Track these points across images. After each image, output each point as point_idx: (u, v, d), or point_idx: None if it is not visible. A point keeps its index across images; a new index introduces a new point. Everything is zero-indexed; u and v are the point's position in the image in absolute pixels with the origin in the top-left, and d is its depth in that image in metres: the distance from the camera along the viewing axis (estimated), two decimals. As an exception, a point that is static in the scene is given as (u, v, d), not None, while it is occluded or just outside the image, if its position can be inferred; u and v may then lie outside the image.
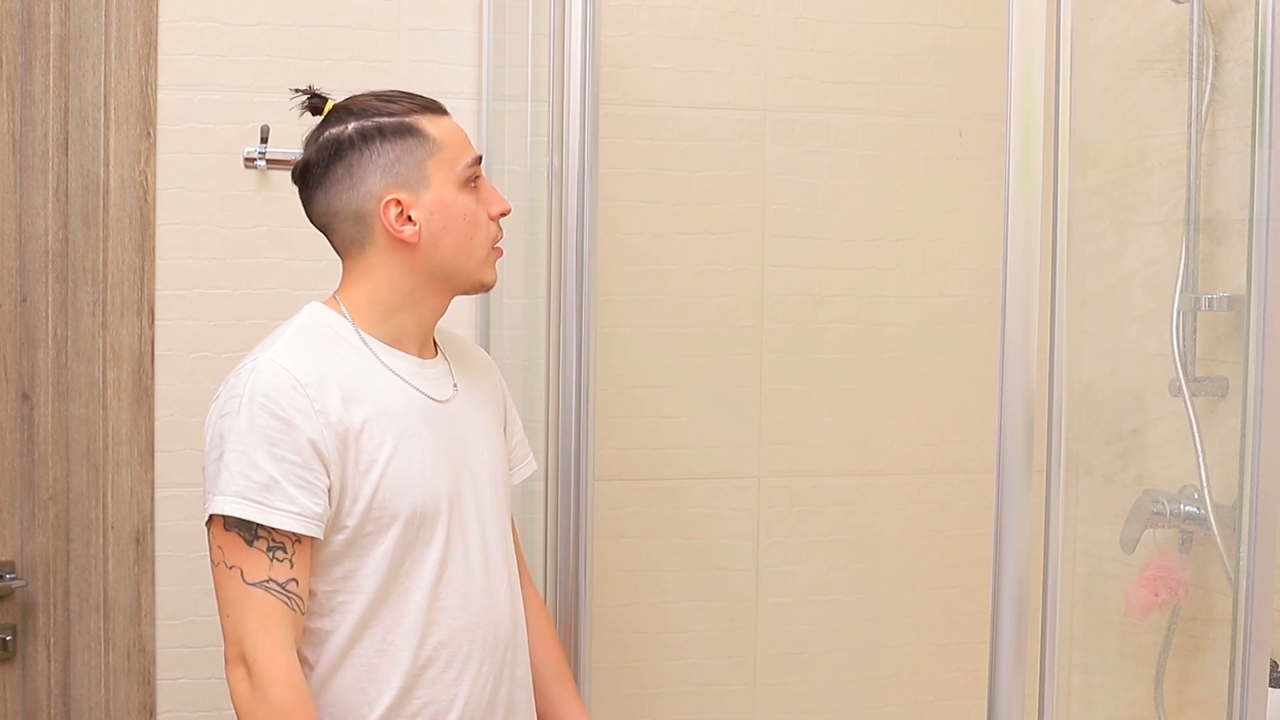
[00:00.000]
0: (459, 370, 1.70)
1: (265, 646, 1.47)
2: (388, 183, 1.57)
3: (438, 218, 1.58)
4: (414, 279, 1.60)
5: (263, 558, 1.48)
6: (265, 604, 1.48)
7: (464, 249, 1.60)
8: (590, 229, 1.78)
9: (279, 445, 1.49)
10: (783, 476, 2.38)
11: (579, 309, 1.78)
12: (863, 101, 2.37)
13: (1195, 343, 2.19)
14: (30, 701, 2.07)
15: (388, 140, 1.57)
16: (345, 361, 1.57)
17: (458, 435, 1.63)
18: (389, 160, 1.57)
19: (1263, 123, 1.52)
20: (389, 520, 1.54)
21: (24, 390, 2.05)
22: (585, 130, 1.76)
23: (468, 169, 1.59)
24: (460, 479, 1.62)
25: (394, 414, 1.57)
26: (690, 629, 2.36)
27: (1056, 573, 1.61)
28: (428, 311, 1.63)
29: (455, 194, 1.59)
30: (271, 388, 1.50)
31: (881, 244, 2.39)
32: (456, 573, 1.60)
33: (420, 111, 1.60)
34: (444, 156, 1.58)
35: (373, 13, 2.16)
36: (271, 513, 1.48)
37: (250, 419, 1.49)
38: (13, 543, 2.05)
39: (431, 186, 1.58)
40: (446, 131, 1.60)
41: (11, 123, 2.03)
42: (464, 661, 1.59)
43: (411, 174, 1.58)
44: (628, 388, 2.29)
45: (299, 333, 1.58)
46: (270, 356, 1.54)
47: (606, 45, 2.12)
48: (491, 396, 1.75)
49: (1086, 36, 2.42)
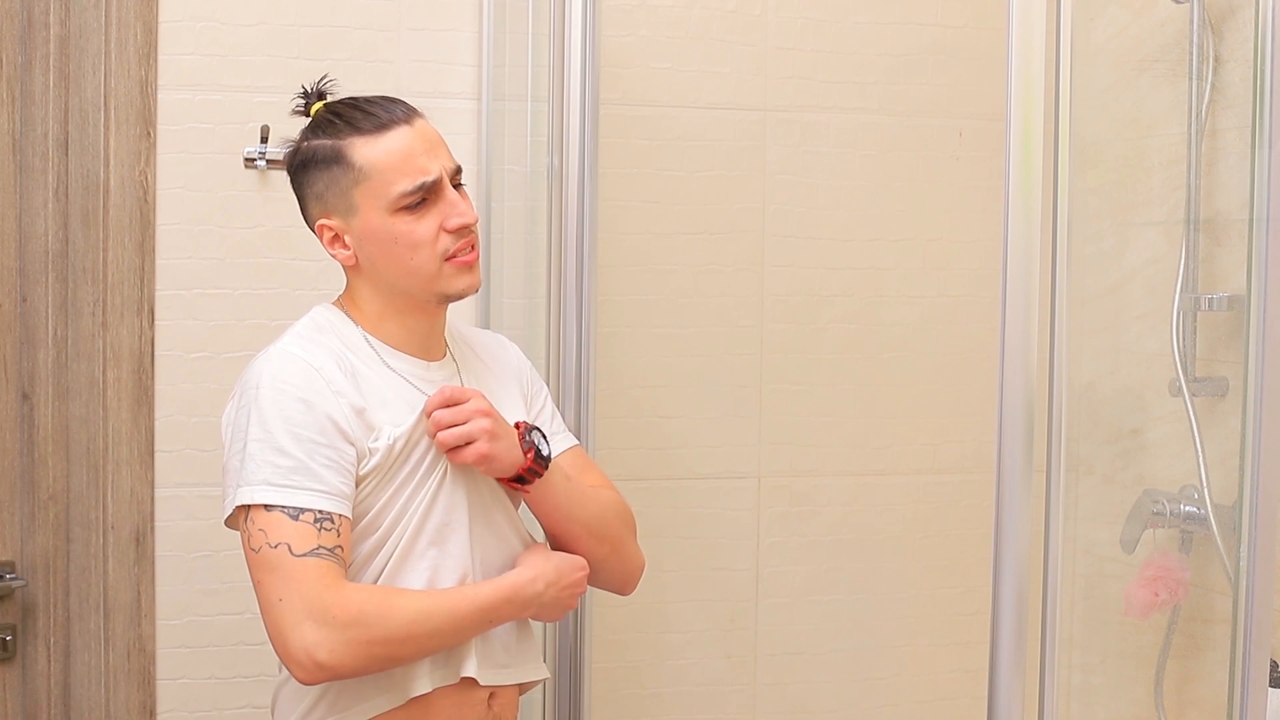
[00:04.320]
0: (468, 371, 1.70)
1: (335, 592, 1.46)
2: (320, 209, 1.60)
3: (368, 244, 1.58)
4: (382, 295, 1.62)
5: (310, 529, 1.48)
6: (320, 566, 1.47)
7: (405, 269, 1.58)
8: (590, 229, 1.78)
9: (302, 426, 1.50)
10: (783, 476, 2.38)
11: (579, 309, 1.79)
12: (863, 101, 2.37)
13: (1195, 343, 2.19)
14: (30, 701, 2.07)
15: (318, 168, 1.59)
16: (351, 358, 1.59)
17: None
18: (320, 189, 1.60)
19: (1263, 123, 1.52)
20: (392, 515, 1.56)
21: (24, 390, 2.05)
22: (585, 130, 1.76)
23: (400, 196, 1.55)
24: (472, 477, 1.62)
25: (400, 414, 1.58)
26: (690, 629, 2.36)
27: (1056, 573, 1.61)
28: (414, 322, 1.63)
29: (385, 220, 1.56)
30: (286, 373, 1.53)
31: (881, 244, 2.39)
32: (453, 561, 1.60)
33: (356, 134, 1.57)
34: (371, 185, 1.56)
35: (373, 13, 2.16)
36: (302, 494, 1.48)
37: (269, 405, 1.50)
38: (13, 543, 2.05)
39: (359, 214, 1.57)
40: (383, 156, 1.56)
41: (11, 123, 2.03)
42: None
43: (339, 202, 1.58)
44: (628, 388, 2.29)
45: (307, 328, 1.62)
46: (281, 347, 1.57)
47: (606, 45, 2.12)
48: (510, 390, 1.73)
49: (1086, 36, 2.42)
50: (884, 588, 2.43)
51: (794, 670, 2.40)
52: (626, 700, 2.32)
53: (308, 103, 1.64)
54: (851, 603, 2.42)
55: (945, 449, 2.44)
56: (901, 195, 2.39)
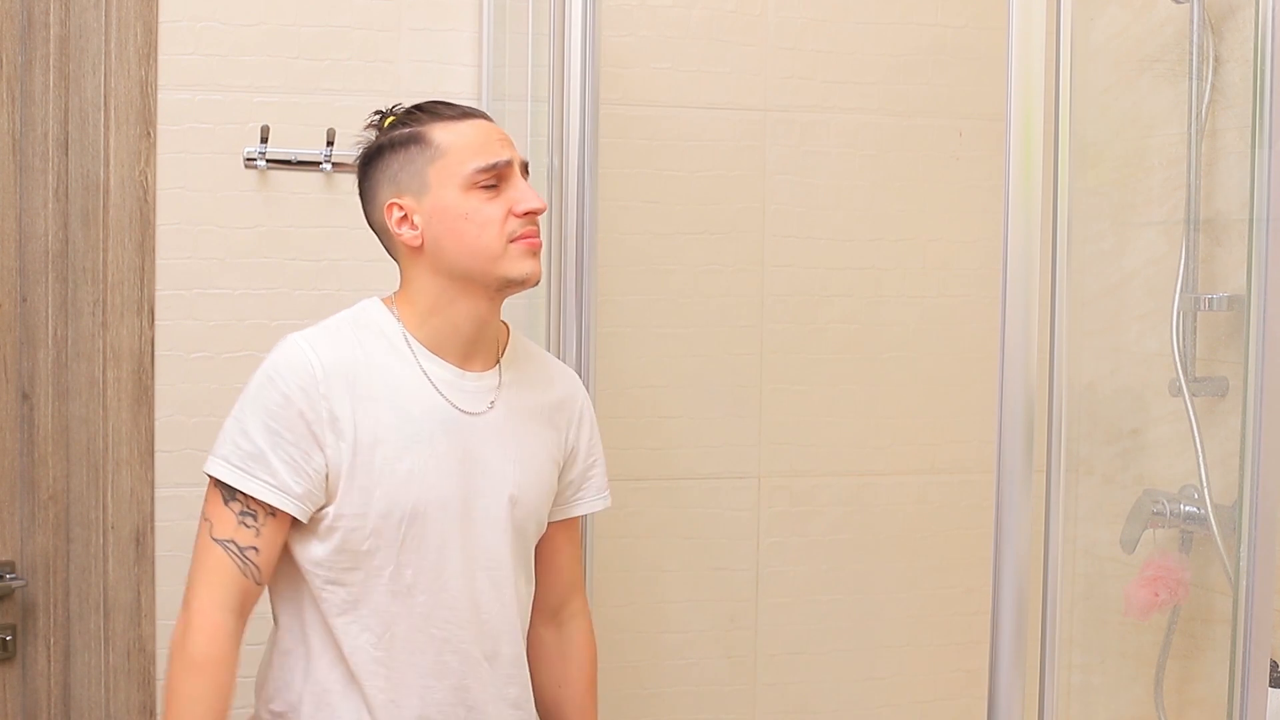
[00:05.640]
0: (513, 390, 1.69)
1: (204, 599, 1.54)
2: (391, 190, 1.63)
3: (437, 221, 1.60)
4: (438, 282, 1.62)
5: (232, 518, 1.55)
6: (220, 561, 1.55)
7: (471, 248, 1.59)
8: (590, 229, 1.78)
9: (275, 419, 1.55)
10: (783, 476, 2.38)
11: (579, 309, 1.79)
12: (863, 101, 2.37)
13: (1195, 343, 2.19)
14: (30, 701, 2.07)
15: (395, 152, 1.63)
16: (379, 359, 1.61)
17: (477, 450, 1.63)
18: (393, 170, 1.63)
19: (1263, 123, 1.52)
20: (374, 516, 1.57)
21: (24, 390, 2.05)
22: (585, 130, 1.77)
23: (475, 173, 1.59)
24: (471, 493, 1.63)
25: (408, 416, 1.59)
26: (690, 629, 2.36)
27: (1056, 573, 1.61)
28: (464, 316, 1.63)
29: (457, 196, 1.59)
30: (285, 365, 1.57)
31: (881, 244, 2.39)
32: (435, 582, 1.61)
33: (437, 120, 1.62)
34: (446, 161, 1.60)
35: (373, 13, 2.16)
36: (249, 480, 1.54)
37: (255, 389, 1.58)
38: (13, 543, 2.05)
39: (431, 191, 1.60)
40: (459, 137, 1.61)
41: (11, 123, 2.03)
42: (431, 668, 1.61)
43: (412, 181, 1.61)
44: (628, 388, 2.29)
45: (342, 322, 1.64)
46: (299, 336, 1.61)
47: (606, 45, 2.12)
48: (550, 424, 1.72)
49: (1086, 36, 2.42)
50: (884, 588, 2.43)
51: (794, 670, 2.40)
52: (626, 700, 2.32)
53: (383, 116, 1.68)
54: (851, 603, 2.42)
55: (945, 449, 2.44)
56: (901, 195, 2.39)
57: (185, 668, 1.53)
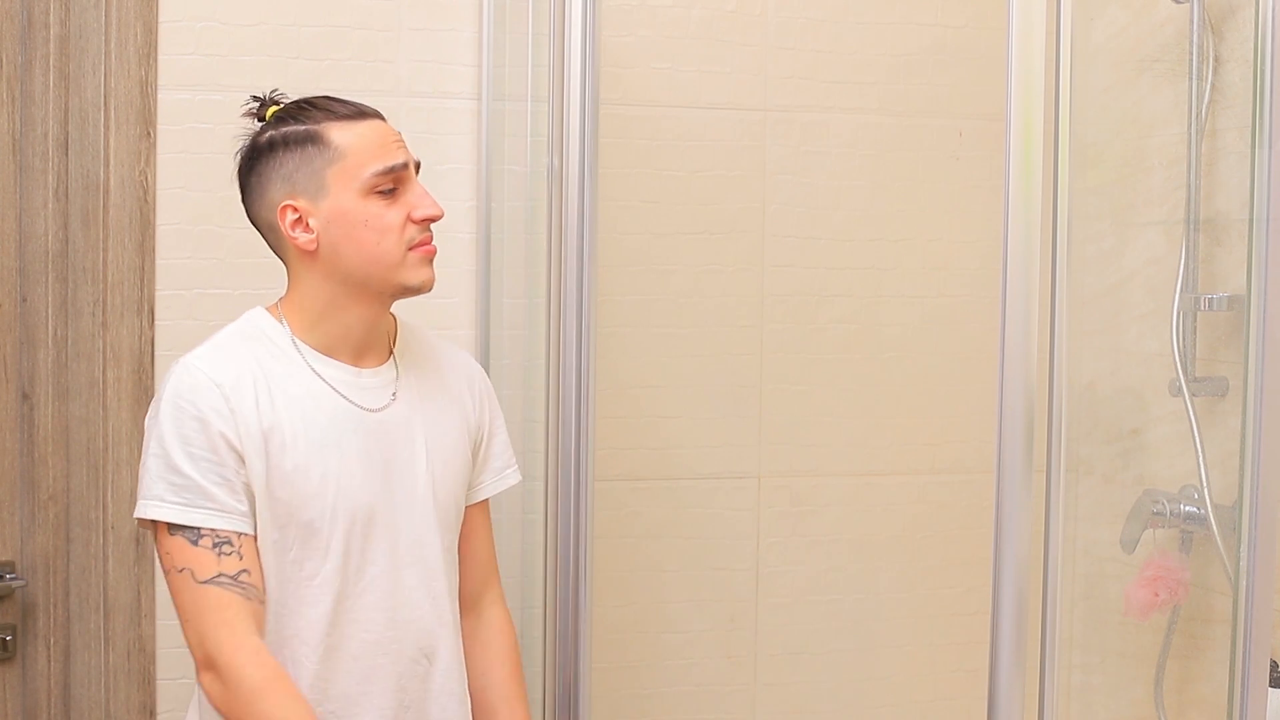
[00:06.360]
0: (412, 379, 1.68)
1: (227, 640, 1.49)
2: (285, 191, 1.59)
3: (335, 226, 1.58)
4: (330, 287, 1.60)
5: (210, 555, 1.51)
6: (221, 598, 1.50)
7: (370, 255, 1.57)
8: (590, 229, 1.77)
9: (194, 444, 1.52)
10: (783, 476, 2.38)
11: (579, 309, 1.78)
12: (863, 101, 2.37)
13: (1195, 343, 2.19)
14: (30, 701, 2.07)
15: (290, 149, 1.58)
16: (271, 367, 1.59)
17: (389, 445, 1.62)
18: (289, 169, 1.59)
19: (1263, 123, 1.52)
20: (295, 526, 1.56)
21: (24, 390, 2.05)
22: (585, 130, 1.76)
23: (374, 177, 1.56)
24: (390, 489, 1.61)
25: (314, 422, 1.58)
26: (690, 629, 2.36)
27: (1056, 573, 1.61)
28: (355, 319, 1.62)
29: (356, 202, 1.57)
30: (188, 388, 1.54)
31: (881, 244, 2.39)
32: (365, 585, 1.59)
33: (333, 119, 1.58)
34: (345, 165, 1.56)
35: (373, 13, 2.16)
36: (195, 513, 1.51)
37: (168, 421, 1.53)
38: (13, 543, 2.05)
39: (330, 195, 1.57)
40: (358, 139, 1.57)
41: (11, 123, 2.03)
42: (367, 673, 1.60)
43: (309, 182, 1.58)
44: (628, 388, 2.29)
45: (230, 336, 1.62)
46: (189, 359, 1.57)
47: (606, 45, 2.12)
48: (455, 406, 1.72)
49: (1086, 36, 2.42)
50: (884, 588, 2.43)
51: (794, 670, 2.40)
52: (626, 700, 2.32)
53: (262, 105, 1.64)
54: (851, 603, 2.42)
55: (945, 449, 2.44)
56: (901, 195, 2.39)
57: (251, 700, 1.47)
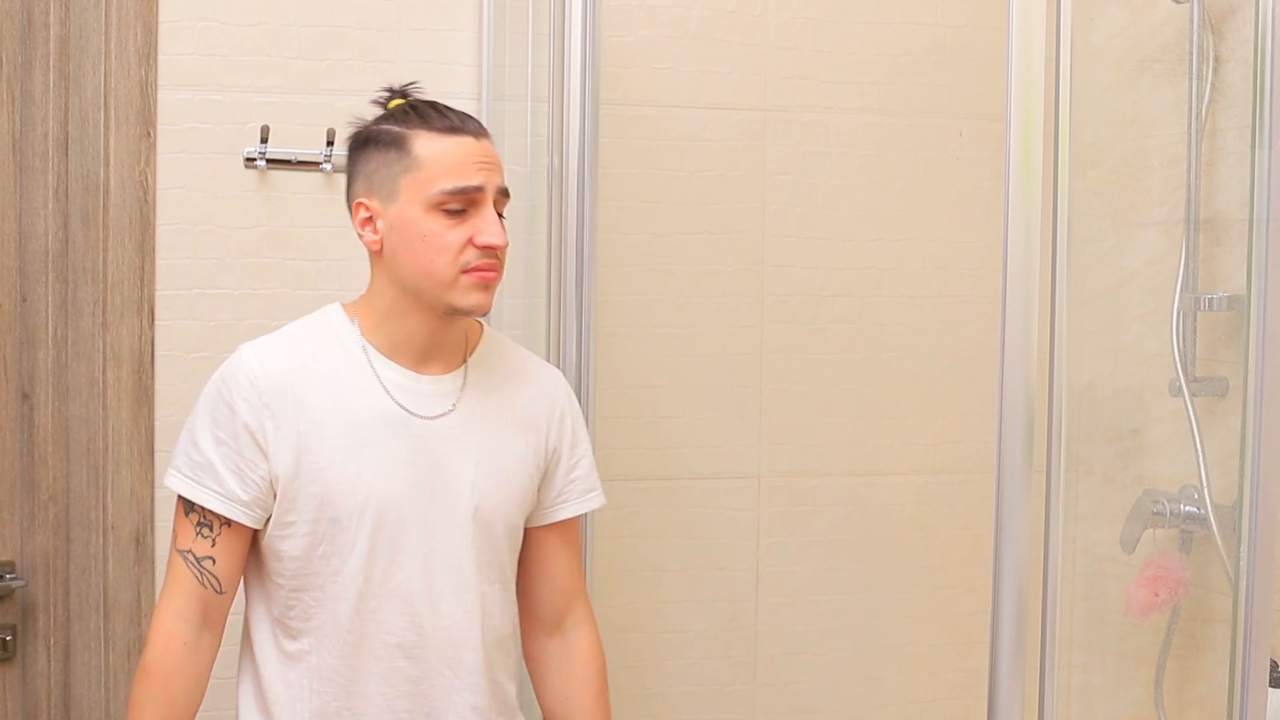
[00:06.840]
0: (480, 391, 1.66)
1: (163, 609, 1.59)
2: (364, 188, 1.61)
3: (396, 233, 1.58)
4: (392, 290, 1.61)
5: (191, 529, 1.59)
6: (179, 571, 1.59)
7: (422, 269, 1.57)
8: (590, 229, 1.78)
9: (220, 428, 1.58)
10: (783, 476, 2.38)
11: (579, 309, 1.78)
12: (863, 101, 2.37)
13: (1195, 343, 2.19)
14: (30, 701, 2.07)
15: (378, 148, 1.60)
16: (328, 364, 1.60)
17: (437, 454, 1.61)
18: (371, 168, 1.61)
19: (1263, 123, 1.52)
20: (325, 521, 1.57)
21: (24, 390, 2.05)
22: (585, 130, 1.76)
23: (442, 194, 1.56)
24: (432, 497, 1.61)
25: (358, 422, 1.59)
26: (690, 629, 2.36)
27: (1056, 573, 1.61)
28: (416, 326, 1.62)
29: (420, 214, 1.56)
30: (232, 375, 1.59)
31: (881, 244, 2.39)
32: (392, 588, 1.59)
33: (424, 128, 1.58)
34: (419, 175, 1.56)
35: (373, 13, 2.16)
36: (199, 490, 1.57)
37: (206, 400, 1.60)
38: (13, 543, 2.05)
39: (399, 201, 1.58)
40: (440, 152, 1.57)
41: (11, 123, 2.03)
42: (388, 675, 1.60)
43: (384, 185, 1.59)
44: (628, 388, 2.29)
45: (295, 330, 1.66)
46: (245, 347, 1.62)
47: (606, 45, 2.12)
48: (524, 425, 1.68)
49: (1086, 36, 2.42)
50: (884, 588, 2.43)
51: (794, 670, 2.40)
52: (626, 700, 2.32)
53: (390, 96, 1.66)
54: (851, 603, 2.42)
55: (945, 449, 2.44)
56: (901, 195, 2.39)
57: (139, 675, 1.57)
